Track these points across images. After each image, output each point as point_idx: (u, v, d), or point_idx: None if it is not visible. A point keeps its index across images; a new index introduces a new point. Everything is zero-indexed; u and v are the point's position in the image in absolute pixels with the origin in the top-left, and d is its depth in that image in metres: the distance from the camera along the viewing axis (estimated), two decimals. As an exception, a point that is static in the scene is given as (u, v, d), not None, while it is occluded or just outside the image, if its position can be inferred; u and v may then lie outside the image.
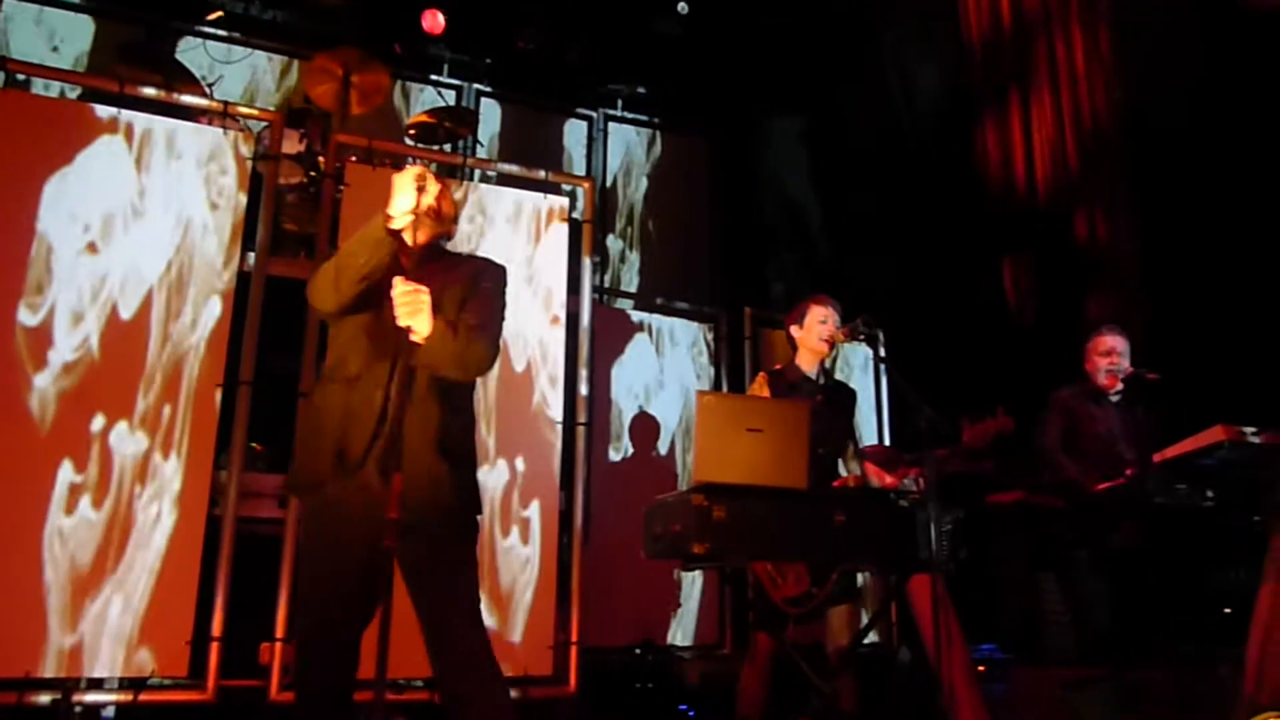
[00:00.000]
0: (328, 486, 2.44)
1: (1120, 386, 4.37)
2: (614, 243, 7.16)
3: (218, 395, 3.74)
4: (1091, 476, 4.20)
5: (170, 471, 3.62)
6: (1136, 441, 4.24)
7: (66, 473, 3.50)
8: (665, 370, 5.59)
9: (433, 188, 2.49)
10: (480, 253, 4.19)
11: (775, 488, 3.21)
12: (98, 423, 3.57)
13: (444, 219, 2.66)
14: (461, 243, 4.15)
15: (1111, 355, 4.35)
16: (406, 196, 2.44)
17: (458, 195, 2.73)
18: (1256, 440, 3.59)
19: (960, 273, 5.98)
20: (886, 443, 5.78)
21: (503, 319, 2.69)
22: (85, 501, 3.50)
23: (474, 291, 2.63)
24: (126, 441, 3.59)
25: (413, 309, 2.35)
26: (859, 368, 5.96)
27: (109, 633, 3.42)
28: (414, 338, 2.37)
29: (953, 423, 3.87)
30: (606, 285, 6.83)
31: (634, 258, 7.17)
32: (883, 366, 5.33)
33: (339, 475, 2.42)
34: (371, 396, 2.46)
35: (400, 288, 2.36)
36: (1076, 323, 4.92)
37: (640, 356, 5.54)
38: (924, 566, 3.33)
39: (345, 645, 2.44)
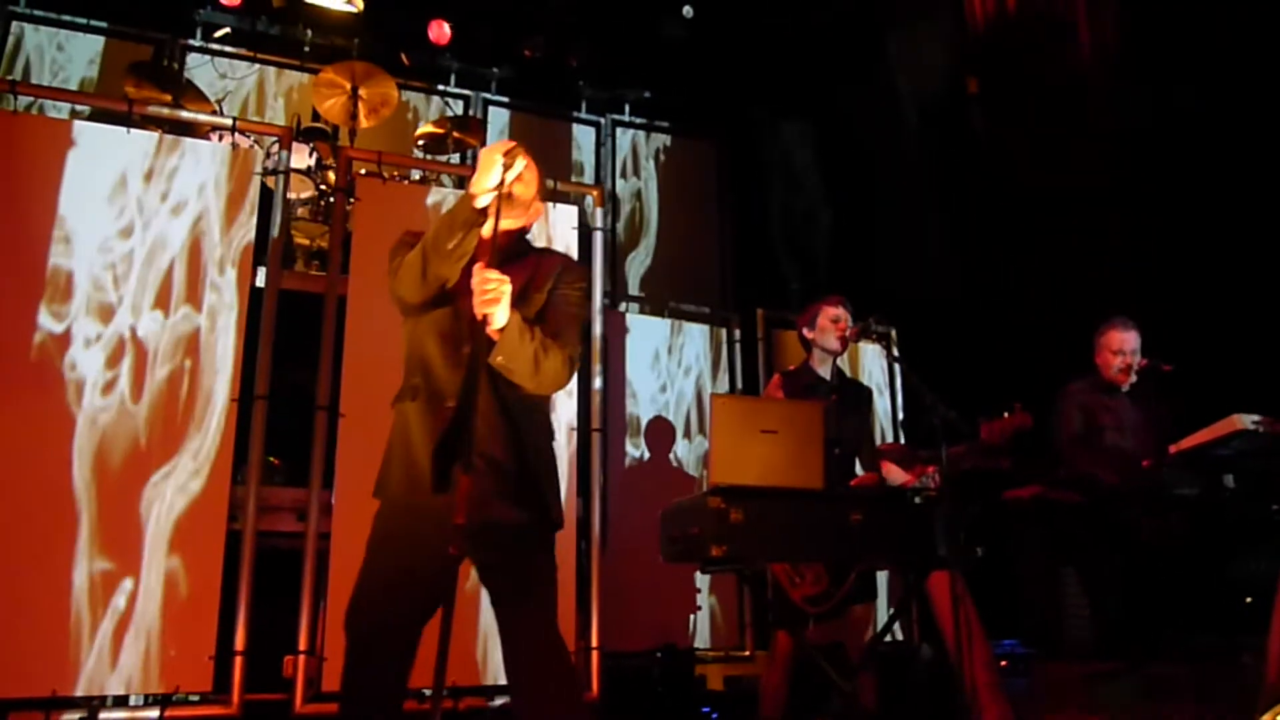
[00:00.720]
0: (406, 497, 2.39)
1: (1133, 378, 4.34)
2: (625, 248, 7.18)
3: (234, 410, 3.76)
4: (1107, 470, 4.18)
5: (190, 487, 3.65)
6: (1151, 434, 4.22)
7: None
8: (679, 373, 5.60)
9: (520, 163, 2.36)
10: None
11: (792, 488, 3.21)
12: (114, 434, 3.60)
13: (526, 204, 2.52)
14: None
15: (1123, 353, 4.31)
16: (493, 172, 2.31)
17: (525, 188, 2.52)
18: (1258, 429, 3.56)
19: (971, 269, 5.97)
20: (902, 441, 5.77)
21: (580, 330, 2.56)
22: (103, 517, 3.53)
23: (554, 296, 2.53)
24: (144, 456, 3.62)
25: (493, 296, 2.23)
26: (874, 366, 5.96)
27: (133, 650, 3.45)
28: (490, 329, 2.26)
29: (968, 419, 3.86)
30: (618, 290, 6.85)
31: (645, 262, 7.18)
32: (896, 365, 5.34)
33: (416, 490, 2.36)
34: (441, 409, 2.37)
35: (481, 274, 2.24)
36: (1087, 316, 4.91)
37: (654, 360, 5.55)
38: (942, 563, 3.33)
39: (404, 647, 2.38)
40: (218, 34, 5.89)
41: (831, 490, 3.35)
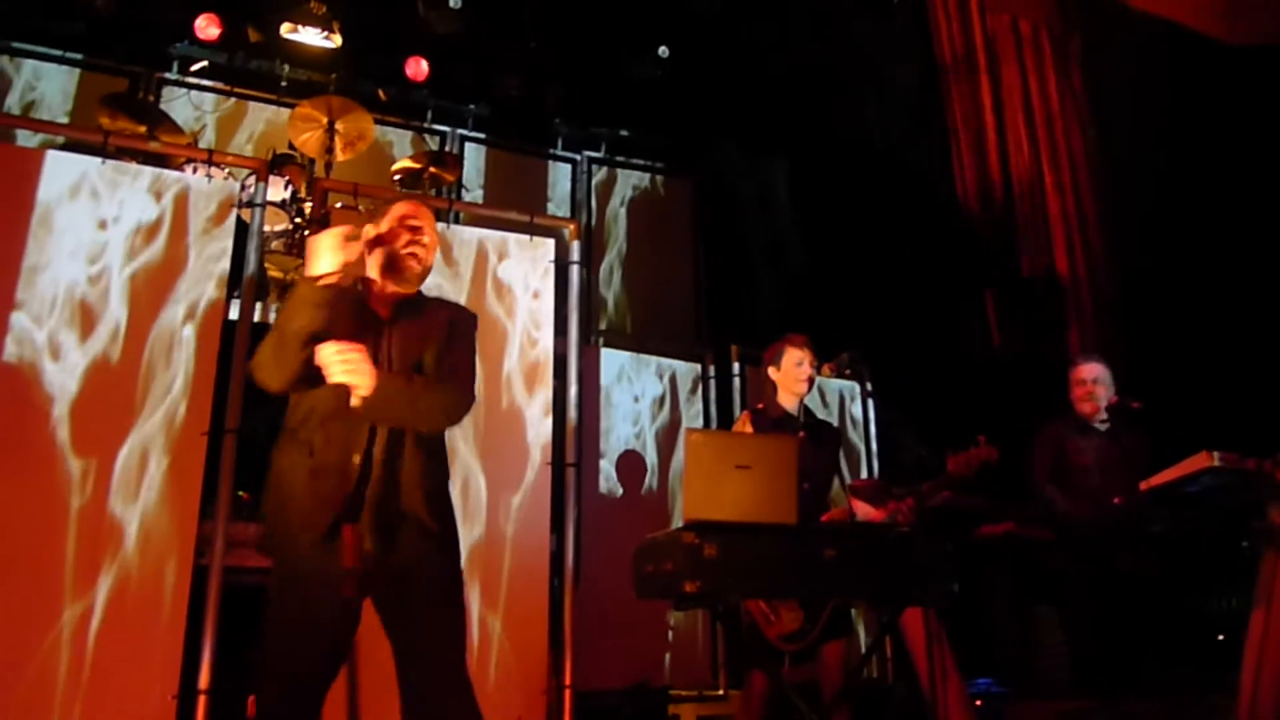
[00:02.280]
0: (302, 551, 2.40)
1: (1104, 416, 4.38)
2: (600, 284, 7.20)
3: (203, 443, 3.71)
4: (1080, 508, 4.20)
5: (156, 521, 3.58)
6: (1125, 471, 4.25)
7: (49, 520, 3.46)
8: (654, 409, 5.59)
9: (354, 248, 2.43)
10: (467, 296, 4.21)
11: (765, 524, 3.21)
12: (82, 468, 3.54)
13: (418, 276, 2.63)
14: (447, 287, 4.17)
15: (1086, 384, 4.37)
16: (326, 258, 2.38)
17: (436, 240, 2.69)
18: (1222, 466, 3.60)
19: (942, 306, 6.03)
20: (875, 476, 5.78)
21: (474, 364, 2.69)
22: (70, 552, 3.46)
23: (450, 340, 2.63)
24: (110, 489, 3.56)
25: (347, 368, 2.34)
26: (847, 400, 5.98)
27: (94, 686, 3.36)
28: (356, 395, 2.35)
29: (938, 454, 3.88)
30: (593, 326, 6.86)
31: (621, 298, 7.21)
32: (870, 400, 5.37)
33: (312, 543, 2.38)
34: (345, 464, 2.43)
35: (328, 349, 2.34)
36: (1059, 354, 4.96)
37: (628, 396, 5.54)
38: (917, 600, 3.32)
39: (314, 706, 2.40)
40: (194, 68, 5.89)
41: (805, 525, 3.34)
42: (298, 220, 5.11)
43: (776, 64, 6.79)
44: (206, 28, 6.46)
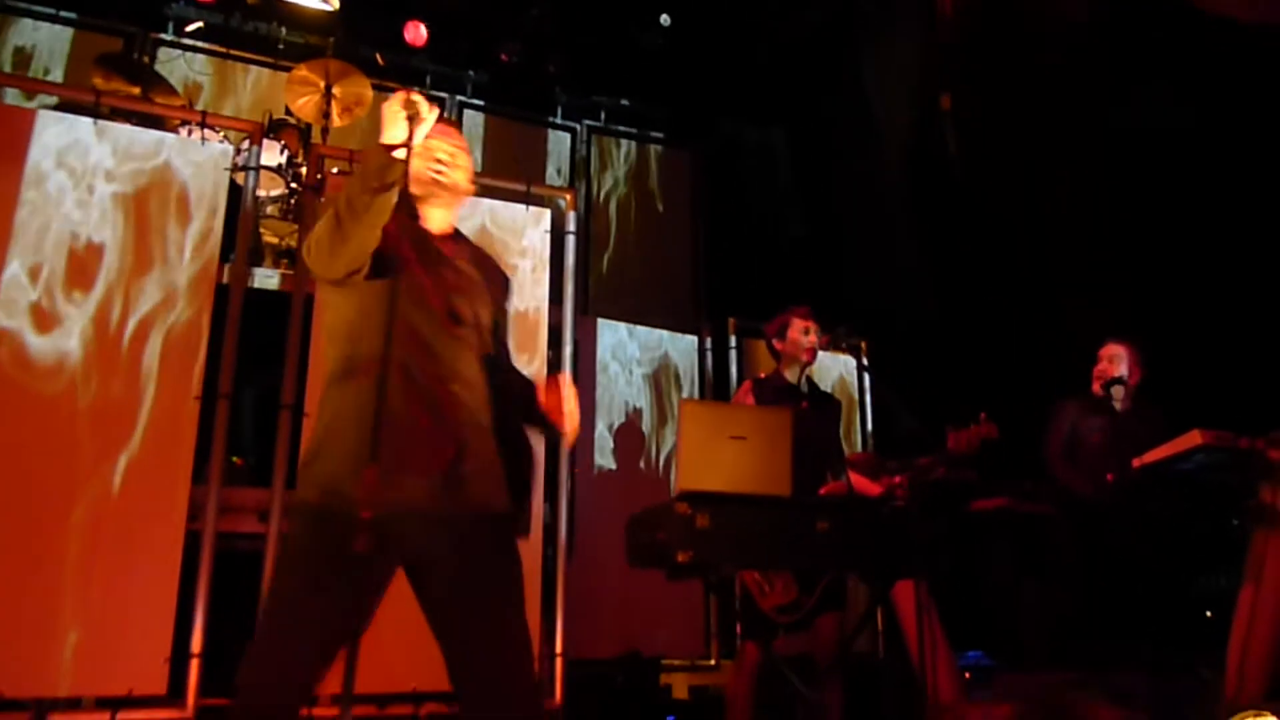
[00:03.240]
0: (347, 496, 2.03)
1: (1120, 396, 4.37)
2: (597, 253, 7.16)
3: (196, 408, 3.70)
4: (1083, 483, 4.23)
5: (148, 485, 3.58)
6: (1132, 452, 4.25)
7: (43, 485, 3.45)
8: (650, 380, 5.59)
9: (428, 114, 2.14)
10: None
11: (759, 495, 3.21)
12: (77, 435, 3.53)
13: (457, 190, 2.43)
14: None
15: (1102, 362, 4.38)
16: (398, 128, 2.10)
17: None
18: (1214, 444, 3.60)
19: (945, 282, 6.00)
20: (870, 450, 5.80)
21: None
22: (65, 514, 3.45)
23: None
24: (104, 453, 3.55)
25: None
26: (843, 376, 5.98)
27: (84, 650, 3.36)
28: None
29: (937, 430, 3.88)
30: (591, 296, 6.82)
31: (618, 269, 7.17)
32: (866, 375, 5.37)
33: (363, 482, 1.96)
34: (417, 384, 2.15)
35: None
36: (1062, 331, 4.95)
37: (625, 367, 5.53)
38: (908, 573, 3.33)
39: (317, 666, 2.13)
40: (189, 28, 5.81)
41: (799, 498, 3.35)
42: (293, 185, 5.07)
43: (780, 35, 6.72)
44: None
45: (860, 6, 6.33)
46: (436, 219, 2.42)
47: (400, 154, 2.09)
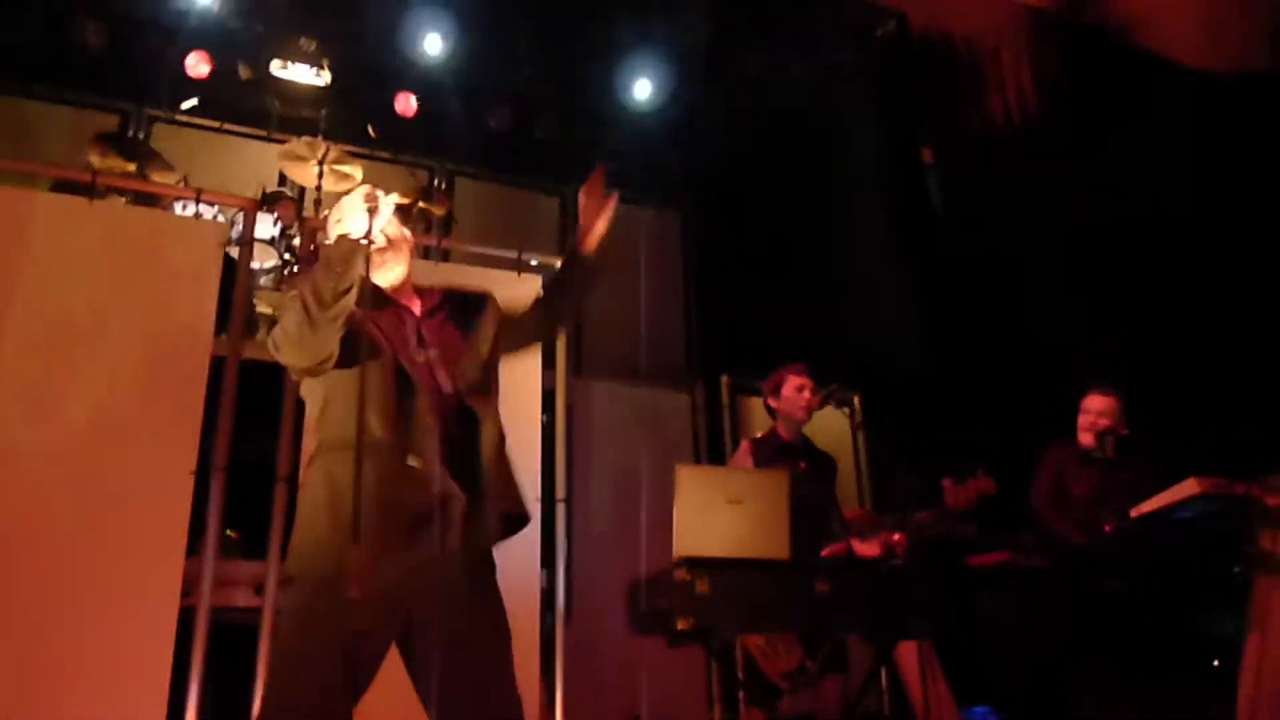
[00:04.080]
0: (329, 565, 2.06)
1: (1107, 448, 4.35)
2: (589, 316, 7.15)
3: (190, 483, 3.69)
4: (1074, 532, 4.20)
5: (143, 559, 3.55)
6: (1120, 502, 4.24)
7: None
8: (644, 442, 5.55)
9: (385, 207, 2.27)
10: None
11: (757, 559, 3.22)
12: (72, 506, 3.51)
13: (405, 242, 2.47)
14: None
15: (1090, 415, 4.34)
16: (358, 221, 2.22)
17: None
18: (1211, 491, 3.60)
19: (937, 336, 6.02)
20: (867, 508, 5.76)
21: None
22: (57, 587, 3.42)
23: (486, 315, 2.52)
24: (98, 528, 3.52)
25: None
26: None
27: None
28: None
29: (933, 485, 3.87)
30: (581, 358, 6.81)
31: (608, 328, 7.15)
32: (860, 432, 5.36)
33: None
34: (392, 466, 2.17)
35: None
36: (1059, 380, 4.95)
37: (618, 429, 5.50)
38: (910, 633, 3.32)
39: None
40: (185, 105, 5.89)
41: (798, 560, 3.35)
42: (286, 257, 5.12)
43: (765, 96, 6.82)
44: (197, 65, 6.49)
45: (843, 67, 6.43)
46: (394, 277, 2.45)
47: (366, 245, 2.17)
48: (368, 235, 2.18)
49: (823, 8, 6.22)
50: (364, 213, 2.21)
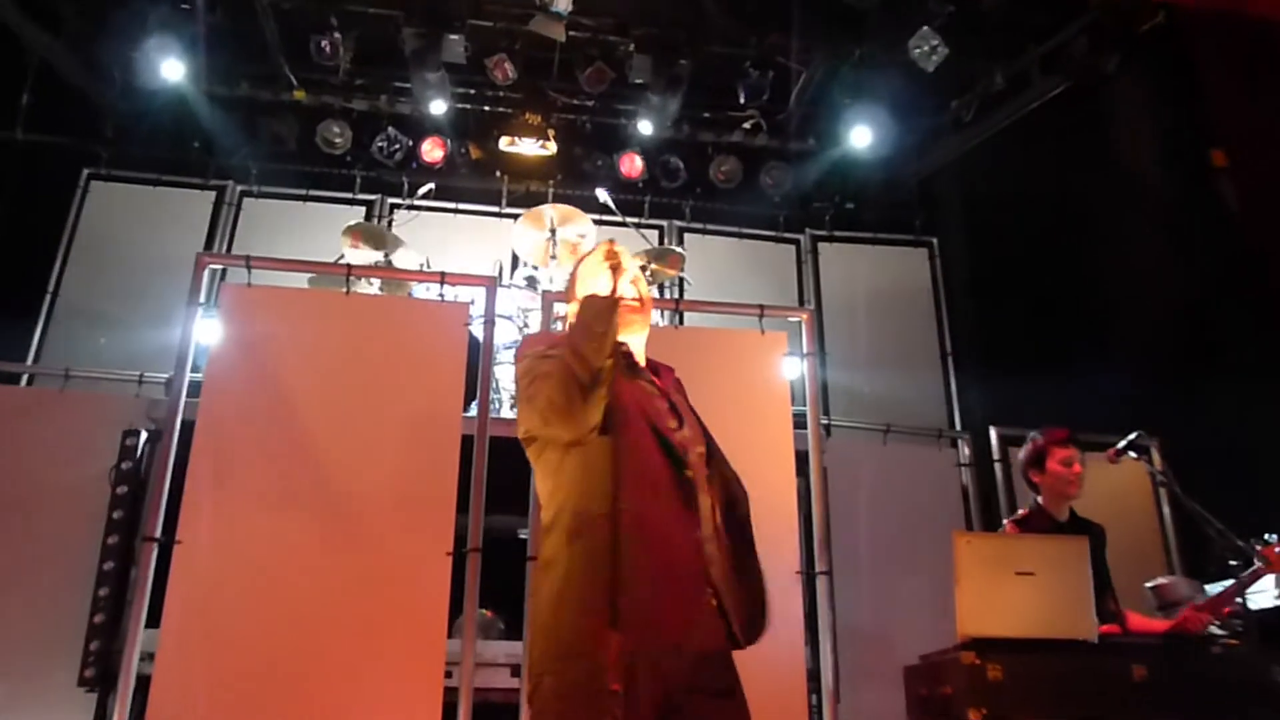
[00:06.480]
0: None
1: None
2: (838, 369, 6.76)
3: (448, 563, 3.70)
4: None
5: (405, 641, 3.57)
6: None
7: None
8: (909, 503, 5.15)
9: (629, 264, 2.30)
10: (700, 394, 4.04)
11: (1058, 639, 2.89)
12: (332, 594, 3.59)
13: (648, 305, 2.43)
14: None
15: None
16: (601, 281, 2.26)
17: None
18: None
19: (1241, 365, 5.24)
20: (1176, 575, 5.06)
21: None
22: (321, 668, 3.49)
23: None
24: (359, 612, 3.58)
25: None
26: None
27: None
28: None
29: (1248, 544, 3.32)
30: (834, 415, 6.43)
31: (862, 382, 6.75)
32: (1162, 487, 4.77)
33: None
34: (690, 545, 2.11)
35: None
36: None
37: (880, 490, 5.14)
38: (1246, 720, 2.87)
39: None
40: (421, 191, 6.19)
41: (1108, 640, 2.97)
42: (524, 329, 5.18)
43: (1017, 119, 6.34)
44: (431, 150, 6.98)
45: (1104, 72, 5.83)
46: (641, 340, 2.42)
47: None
48: (613, 293, 2.19)
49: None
50: (606, 271, 2.23)
